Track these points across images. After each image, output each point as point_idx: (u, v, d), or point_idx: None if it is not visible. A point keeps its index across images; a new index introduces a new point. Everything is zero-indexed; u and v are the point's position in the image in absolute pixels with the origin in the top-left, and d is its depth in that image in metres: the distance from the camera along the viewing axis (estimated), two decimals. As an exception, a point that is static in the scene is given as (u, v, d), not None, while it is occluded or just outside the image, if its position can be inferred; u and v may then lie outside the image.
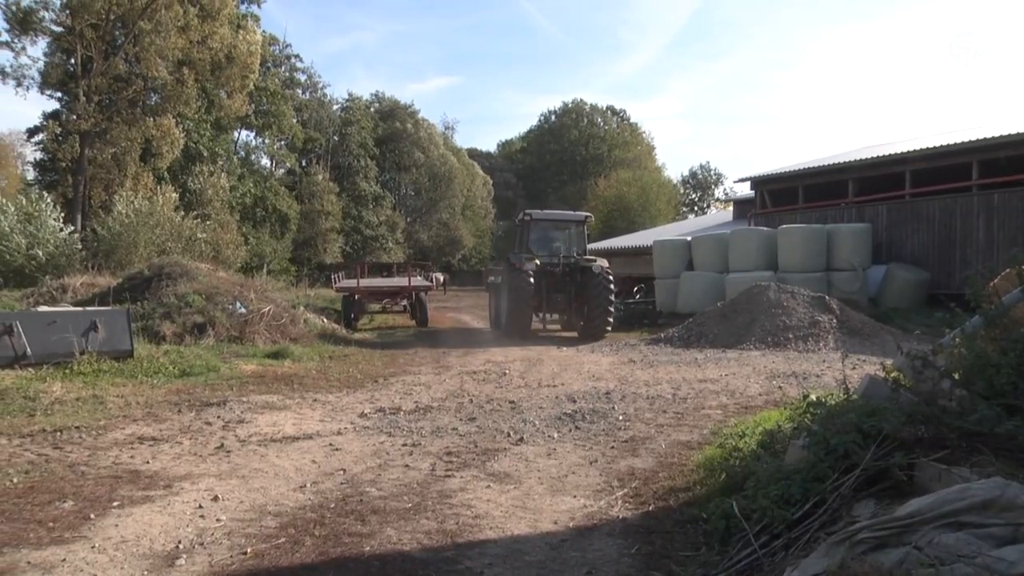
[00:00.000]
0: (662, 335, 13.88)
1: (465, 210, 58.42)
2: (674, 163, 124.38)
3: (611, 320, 15.55)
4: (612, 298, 15.47)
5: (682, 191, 67.20)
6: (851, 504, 3.13)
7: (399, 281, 21.23)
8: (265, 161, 43.38)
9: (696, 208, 67.86)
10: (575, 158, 68.29)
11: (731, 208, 33.18)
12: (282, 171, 45.21)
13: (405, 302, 19.58)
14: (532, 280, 14.91)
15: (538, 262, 15.38)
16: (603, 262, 15.91)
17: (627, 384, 8.71)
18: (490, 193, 62.26)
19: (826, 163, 20.11)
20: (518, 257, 15.62)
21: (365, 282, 20.72)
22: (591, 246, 34.91)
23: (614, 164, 63.45)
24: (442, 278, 36.34)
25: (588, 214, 17.55)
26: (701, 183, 68.23)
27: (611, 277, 15.55)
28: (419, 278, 23.16)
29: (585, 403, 7.46)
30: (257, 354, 11.07)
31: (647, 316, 18.25)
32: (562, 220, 17.03)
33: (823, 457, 3.43)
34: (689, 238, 19.49)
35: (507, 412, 7.12)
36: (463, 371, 10.22)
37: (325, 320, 16.46)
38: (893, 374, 4.01)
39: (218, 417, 6.88)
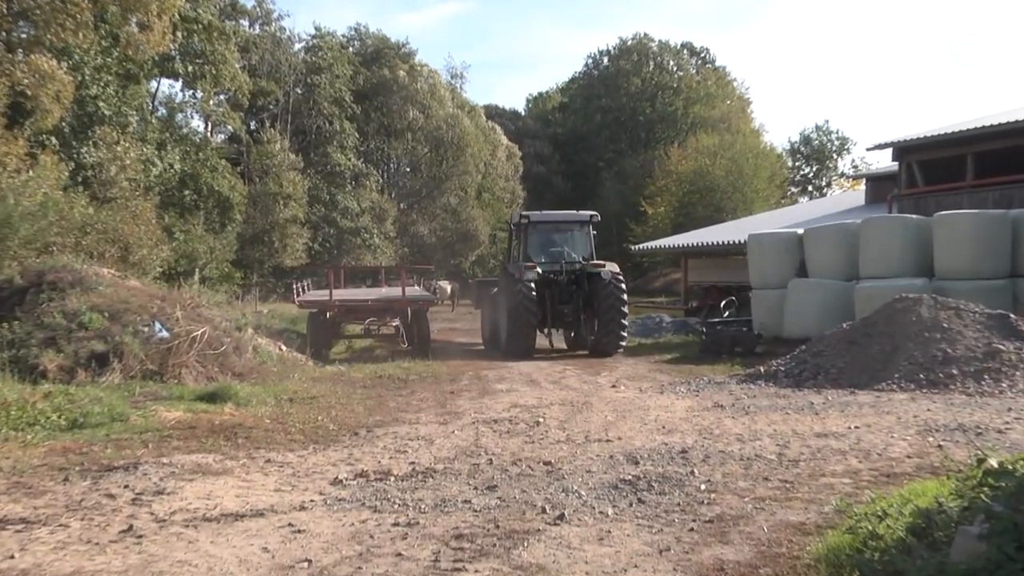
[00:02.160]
0: (762, 369, 13.82)
1: (483, 193, 58.75)
2: (779, 124, 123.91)
3: (625, 334, 18.66)
4: (625, 309, 18.45)
5: (790, 164, 66.81)
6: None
7: (389, 293, 21.35)
8: (197, 124, 43.98)
9: (811, 188, 67.52)
10: (636, 118, 68.56)
11: (863, 187, 32.90)
12: (222, 138, 45.86)
13: (397, 322, 19.69)
14: (534, 291, 17.84)
15: (539, 270, 18.42)
16: (613, 267, 18.84)
17: (712, 439, 8.66)
18: (517, 169, 62.56)
19: (1012, 120, 19.60)
20: (516, 266, 18.44)
21: (341, 294, 20.88)
22: (659, 242, 35.18)
23: (693, 126, 63.55)
24: (449, 288, 36.47)
25: (594, 212, 20.63)
26: (817, 152, 67.77)
27: (623, 284, 18.55)
28: (417, 288, 23.27)
29: (652, 465, 7.43)
30: (185, 396, 11.21)
31: (740, 342, 18.19)
32: (564, 221, 20.49)
33: (1014, 553, 3.33)
34: (800, 231, 19.44)
35: (541, 478, 7.11)
36: (479, 419, 10.26)
37: (283, 348, 16.61)
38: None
39: (126, 487, 6.93)
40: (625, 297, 18.60)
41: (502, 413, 10.68)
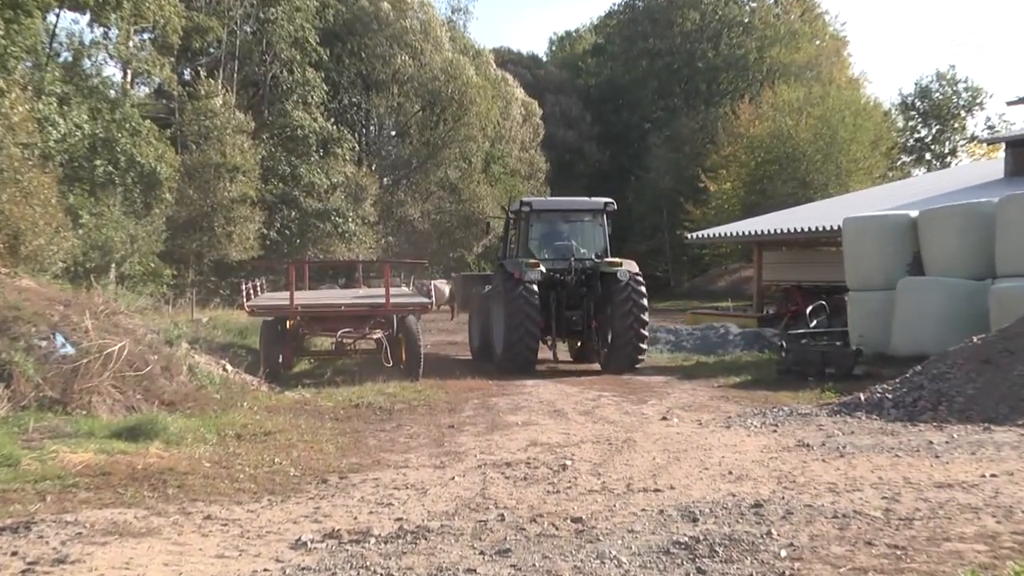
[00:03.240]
0: (862, 397, 13.78)
1: (491, 165, 58.75)
2: (885, 71, 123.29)
3: (644, 346, 19.80)
4: (645, 316, 19.45)
5: (901, 124, 66.62)
6: None
7: (368, 296, 21.35)
8: (113, 72, 43.97)
9: (929, 156, 67.24)
10: (694, 65, 68.52)
11: (1000, 154, 32.69)
12: (146, 91, 45.90)
13: (379, 334, 19.67)
14: (537, 294, 19.10)
15: (543, 269, 19.67)
16: (631, 265, 19.95)
17: (795, 489, 8.63)
18: (537, 133, 62.60)
19: None
20: (516, 263, 19.76)
21: (306, 297, 20.92)
22: (723, 228, 35.29)
23: (770, 76, 63.38)
24: (448, 289, 36.35)
25: (609, 200, 21.64)
26: (939, 109, 67.51)
27: (643, 287, 19.55)
28: (405, 290, 23.25)
29: (715, 524, 7.40)
30: (97, 432, 11.21)
31: (832, 361, 18.08)
32: (574, 210, 21.82)
33: None
34: (914, 213, 19.40)
35: (569, 540, 7.09)
36: (487, 461, 10.27)
37: (229, 368, 16.62)
38: None
39: (14, 554, 6.92)
40: (646, 302, 19.56)
41: (517, 454, 10.67)
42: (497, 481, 9.28)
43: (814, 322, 21.91)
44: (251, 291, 21.00)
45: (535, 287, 19.27)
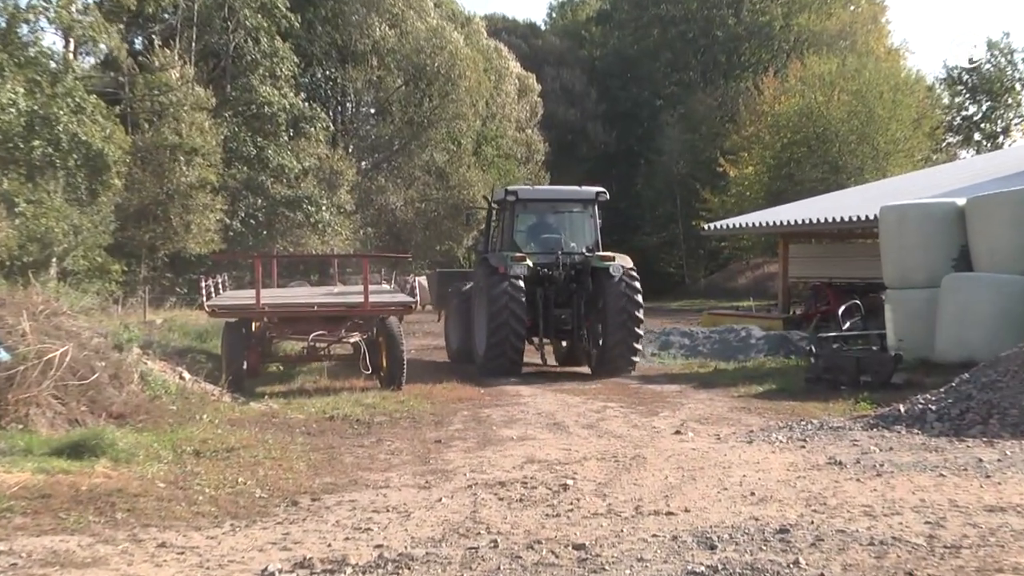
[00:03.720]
0: (901, 408, 13.79)
1: (483, 147, 58.70)
2: (929, 41, 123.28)
3: (639, 347, 20.77)
4: (639, 314, 20.28)
5: (947, 100, 66.64)
6: None
7: (344, 295, 21.35)
8: (52, 41, 43.95)
9: (979, 136, 67.31)
10: (712, 34, 68.50)
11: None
12: (91, 63, 45.83)
13: (357, 338, 19.68)
14: (523, 289, 19.89)
15: (530, 263, 20.46)
16: (625, 260, 20.67)
17: (826, 512, 8.64)
18: (535, 111, 62.59)
19: None
20: (500, 257, 20.55)
21: (274, 295, 20.93)
22: (745, 218, 35.50)
23: (798, 46, 63.46)
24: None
25: (601, 189, 22.42)
26: (991, 83, 67.49)
27: (637, 283, 20.34)
28: (386, 287, 23.26)
29: (735, 551, 7.42)
30: (35, 448, 11.16)
31: (868, 367, 18.10)
32: (563, 200, 22.91)
33: None
34: (962, 200, 19.42)
35: (570, 569, 7.10)
36: (478, 481, 10.31)
37: (187, 375, 16.62)
38: None
39: (-60, 588, 6.94)
40: (641, 299, 20.41)
41: (512, 472, 10.69)
42: (489, 503, 9.28)
43: (847, 324, 21.92)
44: (212, 289, 20.97)
45: (521, 282, 19.96)
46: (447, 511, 9.00)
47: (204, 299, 19.97)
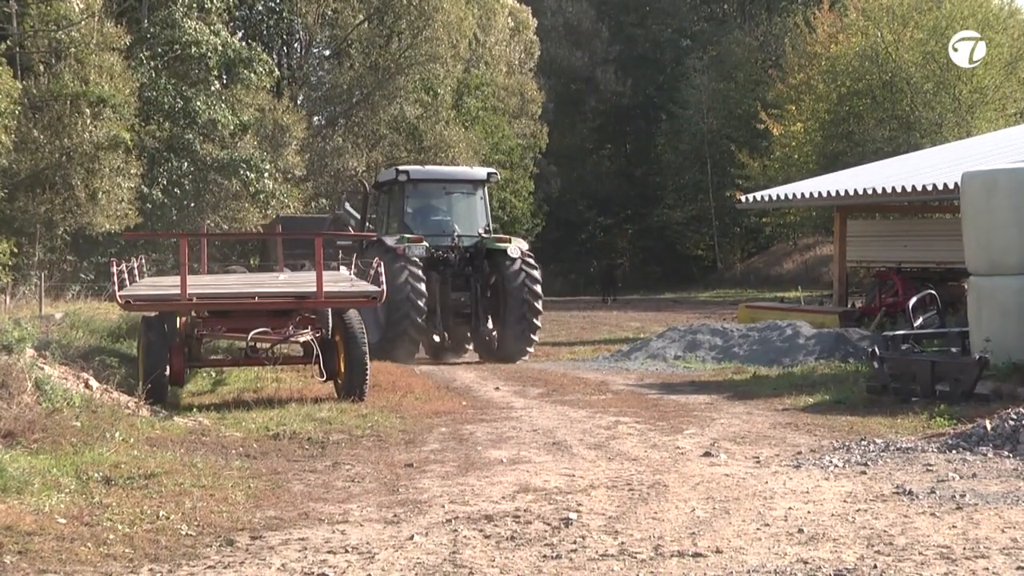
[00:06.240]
0: (988, 425, 13.74)
1: (467, 96, 58.60)
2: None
3: (536, 332, 24.37)
4: (538, 296, 23.83)
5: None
6: None
7: (292, 283, 21.34)
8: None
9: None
10: (751, -42, 68.38)
11: None
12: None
13: (308, 336, 19.65)
14: (421, 273, 22.92)
15: (427, 245, 23.52)
16: (521, 243, 24.65)
17: (891, 553, 8.62)
18: (531, 53, 62.59)
19: None
20: (399, 239, 23.13)
21: (204, 283, 20.88)
22: (791, 188, 35.70)
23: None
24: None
25: (492, 170, 27.53)
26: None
27: (535, 267, 23.96)
28: (345, 273, 23.26)
29: (781, 605, 7.39)
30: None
31: (946, 374, 18.10)
32: (454, 180, 26.74)
33: None
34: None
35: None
36: (459, 515, 10.25)
37: (94, 383, 16.58)
38: None
39: None
40: (539, 283, 24.21)
41: (502, 504, 10.65)
42: (473, 542, 9.23)
43: (920, 320, 21.95)
44: (125, 276, 20.93)
45: (419, 266, 22.91)
46: (420, 552, 8.93)
47: (116, 288, 19.91)
